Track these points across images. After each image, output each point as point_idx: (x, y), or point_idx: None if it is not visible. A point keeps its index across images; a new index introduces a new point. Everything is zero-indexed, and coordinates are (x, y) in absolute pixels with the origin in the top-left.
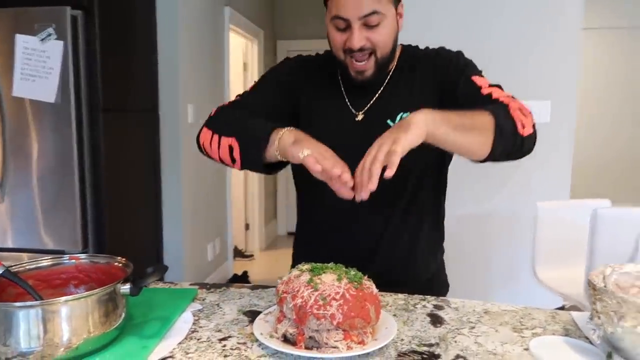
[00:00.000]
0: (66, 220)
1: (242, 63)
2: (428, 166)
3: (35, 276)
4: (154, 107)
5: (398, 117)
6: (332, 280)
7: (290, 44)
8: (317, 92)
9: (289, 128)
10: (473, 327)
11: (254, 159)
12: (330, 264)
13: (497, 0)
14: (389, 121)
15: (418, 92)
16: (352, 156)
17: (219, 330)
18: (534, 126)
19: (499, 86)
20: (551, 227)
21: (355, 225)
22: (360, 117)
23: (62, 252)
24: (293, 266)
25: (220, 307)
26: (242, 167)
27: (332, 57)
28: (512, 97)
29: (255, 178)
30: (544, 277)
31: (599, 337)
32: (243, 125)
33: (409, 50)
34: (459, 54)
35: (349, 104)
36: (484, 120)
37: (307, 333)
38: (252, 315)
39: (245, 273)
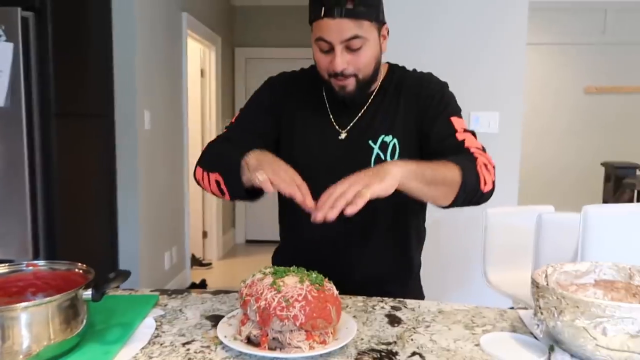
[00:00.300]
0: (16, 228)
1: (200, 69)
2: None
3: None
4: (110, 112)
5: (379, 139)
6: (295, 283)
7: (249, 51)
8: (301, 107)
9: (253, 151)
10: (428, 326)
11: (236, 189)
12: (292, 267)
13: (448, 17)
14: (370, 142)
15: (401, 117)
16: (334, 173)
17: (182, 335)
18: (493, 182)
19: (472, 132)
20: (500, 232)
21: (334, 242)
22: (343, 135)
23: (11, 262)
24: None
25: (183, 312)
26: (231, 199)
27: (315, 79)
28: (482, 150)
29: None
30: (493, 279)
31: (542, 332)
32: (222, 159)
33: (396, 71)
34: (444, 88)
35: (333, 121)
36: (453, 175)
37: (270, 334)
38: (215, 319)
39: (203, 281)
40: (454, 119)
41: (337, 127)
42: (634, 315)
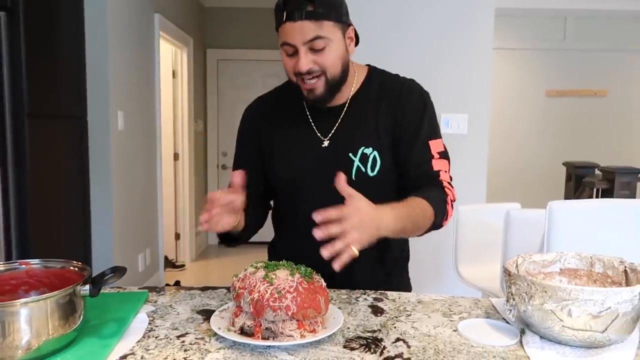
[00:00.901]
0: None
1: (172, 70)
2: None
3: None
4: (82, 113)
5: (360, 152)
6: (286, 275)
7: (220, 53)
8: (282, 122)
9: None
10: (409, 315)
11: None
12: (282, 261)
13: (418, 22)
14: (350, 154)
15: (381, 125)
16: (319, 181)
17: (176, 328)
18: (451, 216)
19: (446, 154)
20: (470, 228)
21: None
22: (326, 143)
23: None
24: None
25: (174, 308)
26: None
27: (294, 92)
28: (450, 181)
29: (186, 187)
30: (465, 273)
31: (514, 316)
32: None
33: (377, 74)
34: (427, 102)
35: (315, 129)
36: (428, 219)
37: (264, 324)
38: (206, 313)
39: (177, 283)
40: (432, 143)
41: (319, 134)
42: (595, 298)
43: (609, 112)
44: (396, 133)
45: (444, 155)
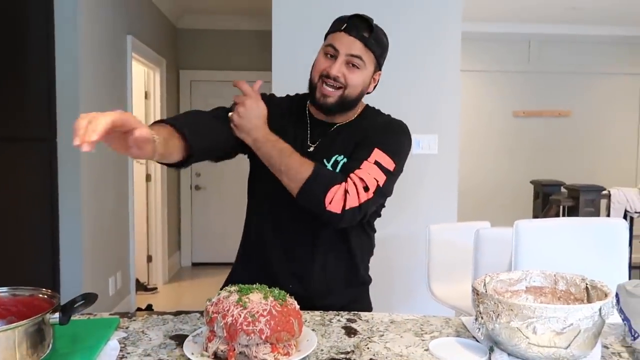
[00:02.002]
0: None
1: (144, 91)
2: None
3: None
4: (52, 135)
5: (333, 159)
6: (259, 299)
7: (193, 74)
8: (288, 120)
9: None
10: (382, 335)
11: None
12: (255, 285)
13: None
14: (324, 160)
15: (358, 142)
16: None
17: (148, 355)
18: (343, 210)
19: (384, 168)
20: (441, 247)
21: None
22: (312, 149)
23: None
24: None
25: (146, 334)
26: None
27: (302, 98)
28: (365, 187)
29: (158, 208)
30: (437, 292)
31: (483, 334)
32: None
33: (370, 111)
34: (399, 130)
35: (309, 136)
36: (301, 173)
37: (237, 349)
38: (179, 339)
39: (149, 307)
40: (377, 150)
41: (309, 141)
42: (557, 315)
43: (573, 131)
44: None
45: (382, 167)
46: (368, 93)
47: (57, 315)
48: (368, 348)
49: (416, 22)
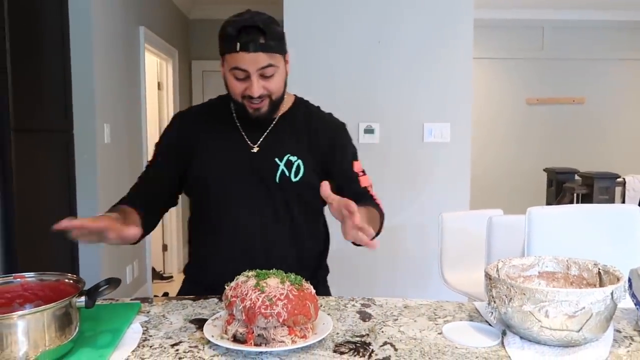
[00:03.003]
0: None
1: (157, 82)
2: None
3: None
4: (68, 126)
5: (285, 158)
6: (277, 283)
7: (205, 64)
8: (214, 129)
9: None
10: (396, 319)
11: None
12: (272, 270)
13: (400, 34)
14: (276, 159)
15: (309, 144)
16: (248, 181)
17: (170, 337)
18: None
19: (365, 173)
20: (454, 235)
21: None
22: (255, 149)
23: None
24: (186, 282)
25: (167, 318)
26: None
27: (224, 100)
28: (372, 187)
29: None
30: (450, 279)
31: (495, 319)
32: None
33: (302, 103)
34: (347, 132)
35: (245, 137)
36: (379, 222)
37: (256, 331)
38: (199, 322)
39: (166, 294)
40: (355, 164)
41: (249, 142)
42: (569, 299)
43: (587, 119)
44: (325, 159)
45: (365, 173)
46: (288, 73)
47: (83, 298)
48: (382, 332)
49: (428, 9)
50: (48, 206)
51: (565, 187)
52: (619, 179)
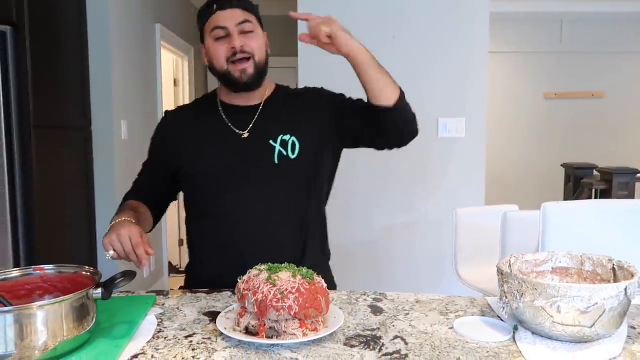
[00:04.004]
0: None
1: (173, 79)
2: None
3: (0, 287)
4: (87, 123)
5: (279, 138)
6: (288, 277)
7: None
8: (201, 124)
9: (118, 217)
10: (407, 314)
11: None
12: (284, 264)
13: (414, 27)
14: (271, 141)
15: (302, 119)
16: (241, 168)
17: (184, 329)
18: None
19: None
20: (469, 231)
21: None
22: (246, 135)
23: None
24: (189, 280)
25: (181, 310)
26: None
27: (210, 97)
28: None
29: None
30: (464, 275)
31: (507, 314)
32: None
33: (283, 88)
34: (324, 89)
35: (231, 126)
36: (395, 84)
37: (267, 324)
38: (212, 315)
39: (182, 288)
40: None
41: (236, 130)
42: (582, 294)
43: (607, 113)
44: (330, 120)
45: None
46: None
47: (99, 290)
48: (394, 326)
49: (443, 3)
50: (67, 201)
51: (583, 182)
52: (638, 175)
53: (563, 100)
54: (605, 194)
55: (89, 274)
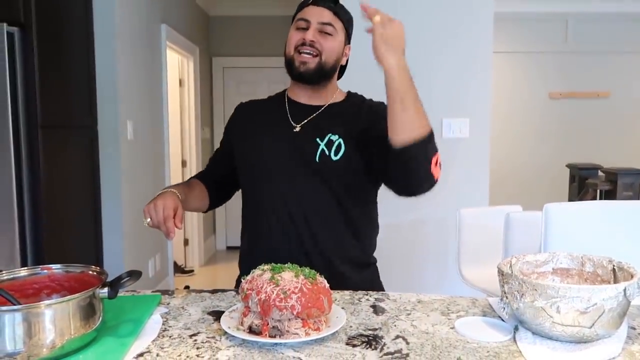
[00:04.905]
0: (4, 237)
1: (178, 79)
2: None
3: (8, 286)
4: (93, 123)
5: (326, 137)
6: (291, 277)
7: (226, 61)
8: (266, 115)
9: (167, 188)
10: (409, 314)
11: None
12: (287, 264)
13: (416, 27)
14: (317, 139)
15: (356, 127)
16: (289, 161)
17: (188, 328)
18: (436, 178)
19: None
20: (472, 231)
21: (288, 232)
22: (297, 129)
23: None
24: (241, 275)
25: (186, 309)
26: None
27: (278, 94)
28: (439, 164)
29: None
30: (467, 275)
31: (508, 314)
32: None
33: (353, 95)
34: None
35: (290, 119)
36: (427, 120)
37: (271, 323)
38: (216, 314)
39: (187, 288)
40: None
41: (293, 123)
42: (581, 295)
43: (612, 113)
44: (373, 133)
45: None
46: (342, 66)
47: (105, 289)
48: (395, 325)
49: (447, 2)
50: (73, 200)
51: (588, 183)
52: None
53: (568, 100)
54: (609, 195)
55: (95, 273)
